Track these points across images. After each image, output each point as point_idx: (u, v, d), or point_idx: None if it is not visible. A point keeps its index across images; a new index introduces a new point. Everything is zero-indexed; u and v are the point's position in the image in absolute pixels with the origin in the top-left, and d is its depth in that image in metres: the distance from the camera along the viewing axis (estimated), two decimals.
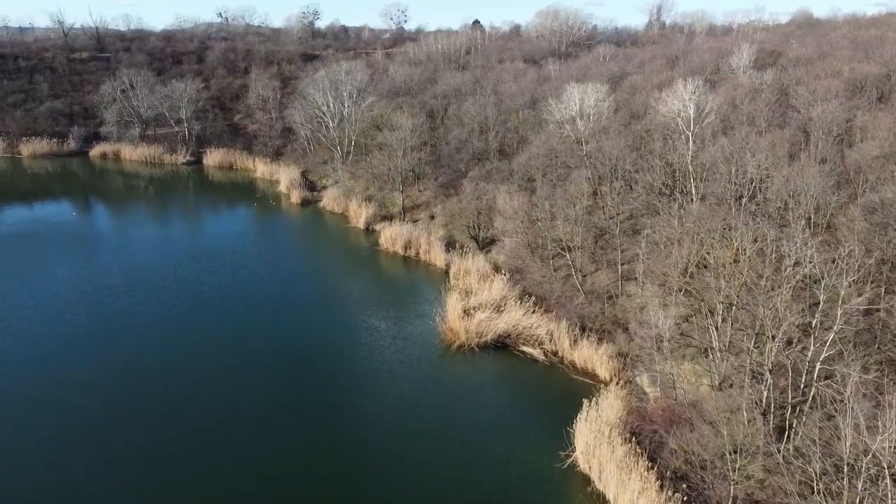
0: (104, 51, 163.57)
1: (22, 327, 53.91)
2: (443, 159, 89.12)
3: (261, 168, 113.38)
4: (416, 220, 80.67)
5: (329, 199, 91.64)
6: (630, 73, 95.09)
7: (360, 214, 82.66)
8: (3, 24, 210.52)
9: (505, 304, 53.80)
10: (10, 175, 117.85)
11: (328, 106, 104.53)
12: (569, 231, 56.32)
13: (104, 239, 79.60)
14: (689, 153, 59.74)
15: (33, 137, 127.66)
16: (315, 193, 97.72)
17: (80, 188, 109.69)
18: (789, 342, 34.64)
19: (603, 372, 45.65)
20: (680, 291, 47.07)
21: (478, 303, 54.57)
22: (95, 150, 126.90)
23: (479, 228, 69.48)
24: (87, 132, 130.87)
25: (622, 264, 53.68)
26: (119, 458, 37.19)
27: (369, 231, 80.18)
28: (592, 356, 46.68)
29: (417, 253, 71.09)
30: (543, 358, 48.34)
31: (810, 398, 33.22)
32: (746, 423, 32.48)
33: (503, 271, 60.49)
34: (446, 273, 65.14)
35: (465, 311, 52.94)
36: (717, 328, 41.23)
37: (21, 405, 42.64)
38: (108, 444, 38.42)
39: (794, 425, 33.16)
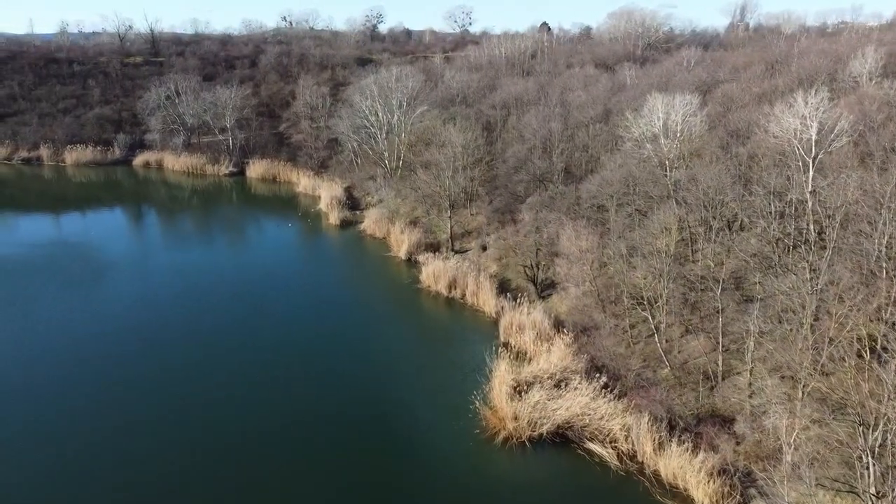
0: (158, 55, 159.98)
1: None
2: (499, 179, 77.64)
3: (304, 182, 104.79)
4: (466, 251, 69.74)
5: (370, 222, 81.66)
6: (722, 80, 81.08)
7: (401, 242, 72.32)
8: (78, 30, 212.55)
9: (567, 380, 42.19)
10: (50, 185, 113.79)
11: (376, 115, 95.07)
12: (650, 282, 44.29)
13: (116, 267, 71.00)
14: (809, 188, 46.43)
15: (79, 145, 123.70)
16: (357, 213, 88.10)
17: (115, 201, 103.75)
18: None
19: (700, 494, 33.37)
20: (807, 387, 34.38)
21: (532, 375, 43.18)
22: (139, 159, 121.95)
23: (538, 268, 57.86)
24: (132, 140, 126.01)
25: (722, 333, 41.13)
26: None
27: (411, 262, 69.58)
28: (685, 468, 34.51)
29: (463, 295, 59.87)
30: (617, 463, 36.48)
31: None
32: None
33: (565, 328, 48.80)
34: (496, 324, 53.87)
35: (515, 388, 41.66)
36: (872, 454, 28.60)
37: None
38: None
39: None
